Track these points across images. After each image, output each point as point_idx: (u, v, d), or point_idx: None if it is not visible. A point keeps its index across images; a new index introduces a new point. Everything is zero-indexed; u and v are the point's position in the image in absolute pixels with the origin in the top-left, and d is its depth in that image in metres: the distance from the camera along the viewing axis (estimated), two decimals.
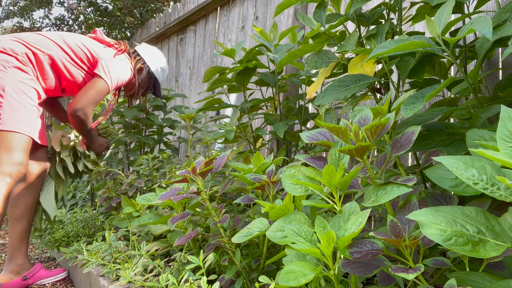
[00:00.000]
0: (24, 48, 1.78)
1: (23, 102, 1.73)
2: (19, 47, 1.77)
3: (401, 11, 1.17)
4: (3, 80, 1.69)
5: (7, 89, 1.69)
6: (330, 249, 0.76)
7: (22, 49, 1.77)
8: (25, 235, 1.89)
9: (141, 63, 2.18)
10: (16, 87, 1.72)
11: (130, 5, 8.13)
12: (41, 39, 1.86)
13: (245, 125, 1.82)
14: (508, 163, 0.54)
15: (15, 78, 1.72)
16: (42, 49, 1.84)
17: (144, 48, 2.25)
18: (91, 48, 1.98)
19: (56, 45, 1.88)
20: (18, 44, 1.78)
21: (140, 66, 2.18)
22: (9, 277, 1.82)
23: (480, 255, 0.60)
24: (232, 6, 3.29)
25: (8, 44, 1.75)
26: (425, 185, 1.09)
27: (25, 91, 1.74)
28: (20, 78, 1.74)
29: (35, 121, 1.79)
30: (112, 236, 1.64)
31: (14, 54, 1.75)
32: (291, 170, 0.95)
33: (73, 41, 1.94)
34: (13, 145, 1.70)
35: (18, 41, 1.79)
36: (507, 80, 1.11)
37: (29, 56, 1.79)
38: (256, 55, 1.76)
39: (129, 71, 2.08)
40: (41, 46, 1.84)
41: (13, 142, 1.70)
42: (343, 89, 1.10)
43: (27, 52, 1.78)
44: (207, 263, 1.10)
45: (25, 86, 1.75)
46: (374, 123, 0.80)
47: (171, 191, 1.27)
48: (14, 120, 1.70)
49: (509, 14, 0.89)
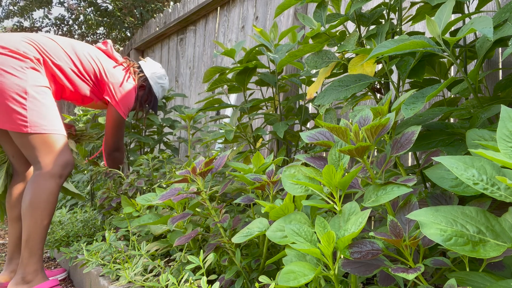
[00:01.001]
0: (36, 53, 1.76)
1: (46, 103, 1.72)
2: (32, 50, 1.75)
3: (401, 11, 1.17)
4: (24, 82, 1.66)
5: (29, 90, 1.67)
6: (330, 249, 0.76)
7: (34, 54, 1.75)
8: None
9: (143, 80, 2.21)
10: (37, 87, 1.71)
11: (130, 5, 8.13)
12: (53, 47, 1.84)
13: (245, 125, 1.82)
14: (508, 163, 0.54)
15: (34, 79, 1.71)
16: (53, 57, 1.82)
17: (149, 65, 2.26)
18: (101, 64, 1.99)
19: (66, 55, 1.87)
20: (31, 48, 1.75)
21: (142, 84, 2.21)
22: (10, 276, 1.83)
23: (480, 255, 0.60)
24: (232, 6, 3.29)
25: (21, 46, 1.72)
26: (425, 185, 1.09)
27: (45, 91, 1.74)
28: (37, 78, 1.72)
29: (59, 119, 1.79)
30: (112, 236, 1.64)
31: (27, 56, 1.72)
32: (291, 170, 0.95)
33: (83, 53, 1.94)
34: (54, 146, 1.70)
35: (31, 44, 1.76)
36: (507, 80, 1.11)
37: (40, 62, 1.78)
38: (256, 55, 1.76)
39: (133, 93, 2.11)
40: (53, 54, 1.82)
41: (54, 143, 1.70)
42: (343, 89, 1.10)
43: (39, 58, 1.77)
44: (207, 263, 1.10)
45: (43, 87, 1.74)
46: (374, 123, 0.80)
47: (171, 191, 1.27)
48: (45, 121, 1.69)
49: (509, 14, 0.88)
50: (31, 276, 1.63)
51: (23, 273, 1.63)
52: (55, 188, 1.69)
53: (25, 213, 1.65)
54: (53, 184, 1.68)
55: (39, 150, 1.69)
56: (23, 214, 1.65)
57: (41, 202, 1.65)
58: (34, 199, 1.65)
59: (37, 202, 1.65)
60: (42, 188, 1.66)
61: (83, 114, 2.95)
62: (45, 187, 1.66)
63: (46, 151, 1.69)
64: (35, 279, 1.63)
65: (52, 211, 1.69)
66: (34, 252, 1.65)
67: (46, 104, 1.72)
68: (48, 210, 1.67)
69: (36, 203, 1.65)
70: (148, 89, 2.23)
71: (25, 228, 1.65)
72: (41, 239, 1.67)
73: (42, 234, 1.67)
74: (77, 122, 2.98)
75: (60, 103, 5.79)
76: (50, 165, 1.69)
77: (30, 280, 1.63)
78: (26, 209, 1.65)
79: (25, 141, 1.68)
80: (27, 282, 1.62)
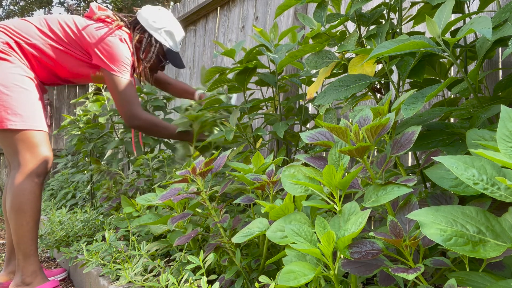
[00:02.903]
0: (6, 37, 1.64)
1: (18, 97, 1.60)
2: (0, 36, 1.63)
3: (401, 11, 1.17)
4: None
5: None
6: (330, 249, 0.76)
7: (3, 38, 1.63)
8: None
9: (140, 32, 1.88)
10: (6, 79, 1.59)
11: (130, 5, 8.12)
12: (24, 26, 1.70)
13: (245, 125, 1.82)
14: (508, 164, 0.54)
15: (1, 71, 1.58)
16: (26, 38, 1.68)
17: (144, 12, 1.92)
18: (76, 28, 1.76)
19: (39, 31, 1.72)
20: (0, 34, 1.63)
21: (140, 36, 1.88)
22: (9, 277, 1.82)
23: (480, 255, 0.60)
24: (232, 6, 3.29)
25: None
26: (425, 185, 1.09)
27: (17, 82, 1.61)
28: (5, 69, 1.60)
29: (36, 112, 1.67)
30: (112, 236, 1.64)
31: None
32: (291, 170, 0.95)
33: (56, 23, 1.75)
34: (28, 143, 1.61)
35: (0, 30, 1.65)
36: (507, 80, 1.11)
37: (11, 46, 1.65)
38: (256, 55, 1.76)
39: (121, 44, 1.80)
40: (25, 34, 1.68)
41: (28, 140, 1.62)
42: (343, 89, 1.10)
43: (9, 42, 1.64)
44: (207, 263, 1.10)
45: (15, 76, 1.62)
46: (374, 123, 0.80)
47: (171, 191, 1.27)
48: (16, 117, 1.60)
49: (509, 14, 0.88)
50: (30, 278, 1.61)
51: (22, 275, 1.61)
52: (34, 187, 1.62)
53: (10, 217, 1.61)
54: (31, 184, 1.61)
55: (12, 148, 1.62)
56: (9, 218, 1.61)
57: (22, 204, 1.59)
58: (15, 201, 1.59)
59: (18, 204, 1.59)
60: (20, 189, 1.60)
61: (83, 114, 2.95)
62: (23, 187, 1.60)
63: (19, 149, 1.61)
64: (35, 281, 1.62)
65: (36, 210, 1.63)
66: (28, 254, 1.62)
67: (16, 97, 1.60)
68: (31, 210, 1.61)
69: (18, 205, 1.59)
70: (147, 40, 1.89)
71: (13, 231, 1.61)
72: (32, 241, 1.62)
73: (31, 235, 1.62)
74: (77, 123, 2.98)
75: (60, 102, 5.79)
76: (26, 163, 1.61)
77: (30, 282, 1.61)
78: (9, 212, 1.61)
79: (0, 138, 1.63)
80: (27, 284, 1.61)
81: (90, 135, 2.96)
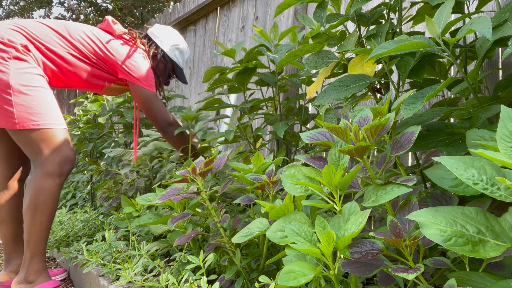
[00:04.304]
0: (24, 39, 1.64)
1: (36, 95, 1.60)
2: (18, 37, 1.63)
3: (401, 11, 1.17)
4: (6, 75, 1.55)
5: (13, 84, 1.56)
6: (330, 249, 0.76)
7: (21, 40, 1.64)
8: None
9: (154, 48, 2.00)
10: (23, 79, 1.59)
11: (131, 5, 8.13)
12: (43, 30, 1.71)
13: (245, 125, 1.82)
14: (508, 164, 0.54)
15: (19, 70, 1.59)
16: (43, 41, 1.69)
17: (155, 30, 2.05)
18: (99, 41, 1.83)
19: (59, 37, 1.74)
20: (16, 34, 1.64)
21: (154, 51, 2.00)
22: (9, 276, 1.83)
23: (480, 255, 0.60)
24: (232, 6, 3.29)
25: (6, 33, 1.61)
26: (425, 185, 1.09)
27: (34, 82, 1.62)
28: (23, 69, 1.60)
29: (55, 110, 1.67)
30: (112, 236, 1.64)
31: (11, 44, 1.60)
32: (291, 170, 0.95)
33: (77, 32, 1.78)
34: (49, 142, 1.61)
35: (17, 31, 1.65)
36: (507, 80, 1.11)
37: (28, 48, 1.65)
38: (256, 55, 1.76)
39: (147, 62, 1.92)
40: (43, 37, 1.70)
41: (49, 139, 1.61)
42: (343, 89, 1.10)
43: (27, 44, 1.64)
44: (207, 263, 1.10)
45: (31, 76, 1.62)
46: (374, 123, 0.80)
47: (171, 191, 1.27)
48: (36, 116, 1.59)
49: (509, 14, 0.88)
50: (33, 277, 1.62)
51: (26, 272, 1.62)
52: (55, 187, 1.63)
53: (25, 214, 1.62)
54: (51, 184, 1.62)
55: (33, 147, 1.61)
56: (24, 215, 1.63)
57: (39, 204, 1.61)
58: (33, 200, 1.61)
59: (35, 203, 1.61)
60: (40, 189, 1.61)
61: (83, 114, 2.95)
62: (43, 187, 1.61)
63: (41, 148, 1.61)
64: (38, 279, 1.63)
65: (52, 211, 1.65)
66: (36, 253, 1.63)
67: (35, 96, 1.60)
68: (48, 211, 1.63)
69: (35, 204, 1.61)
70: (161, 55, 2.00)
71: (25, 229, 1.63)
72: (42, 240, 1.64)
73: (42, 235, 1.64)
74: (77, 123, 2.98)
75: (60, 102, 5.79)
76: (48, 163, 1.61)
77: (33, 280, 1.62)
78: (26, 210, 1.62)
79: (19, 138, 1.62)
80: (30, 282, 1.62)
81: (90, 135, 2.96)
